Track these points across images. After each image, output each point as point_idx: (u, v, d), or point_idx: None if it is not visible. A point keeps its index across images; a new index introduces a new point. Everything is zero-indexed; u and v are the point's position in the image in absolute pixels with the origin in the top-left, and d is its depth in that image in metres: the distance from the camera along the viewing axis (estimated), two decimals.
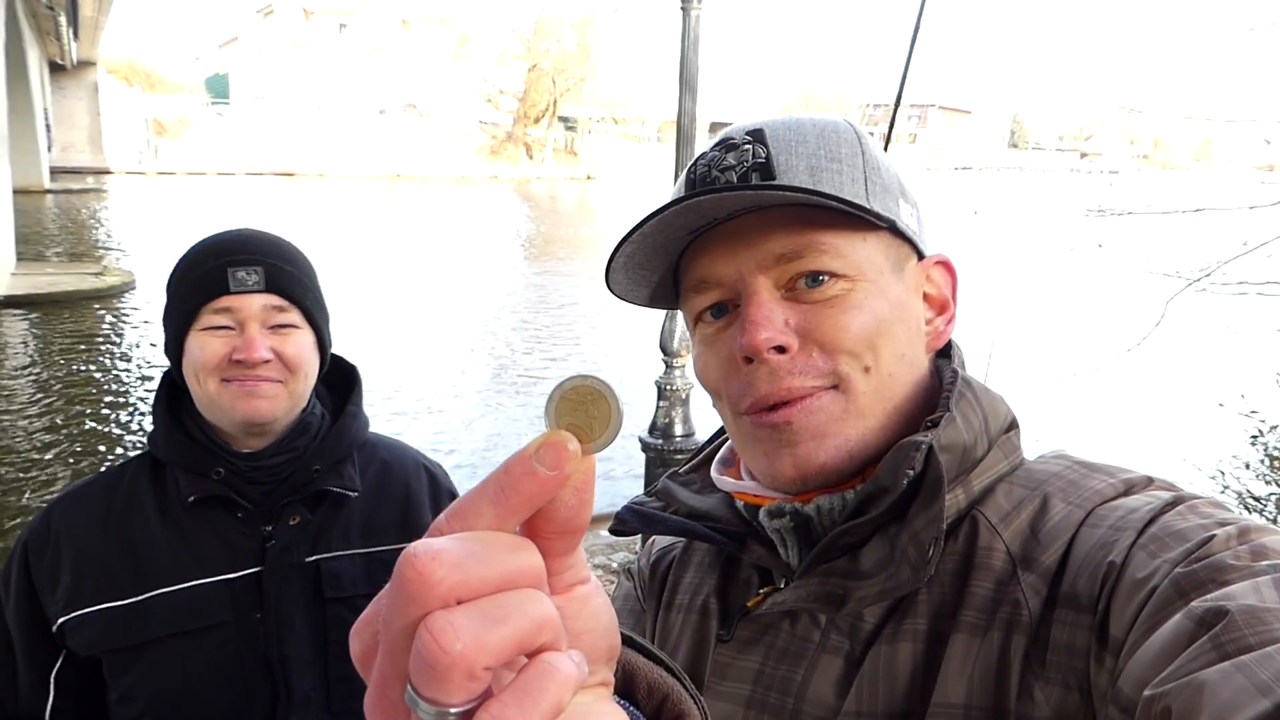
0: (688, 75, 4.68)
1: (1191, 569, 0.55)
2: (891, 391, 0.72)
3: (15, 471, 8.08)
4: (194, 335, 1.28)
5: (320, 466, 1.38)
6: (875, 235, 0.72)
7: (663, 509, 0.85)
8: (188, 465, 1.33)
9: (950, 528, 0.70)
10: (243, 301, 1.27)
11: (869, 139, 0.76)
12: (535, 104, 59.30)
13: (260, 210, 28.92)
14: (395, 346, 12.54)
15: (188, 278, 1.30)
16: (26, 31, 26.00)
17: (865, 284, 0.71)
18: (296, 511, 1.37)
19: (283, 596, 1.33)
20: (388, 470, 1.50)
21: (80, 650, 1.30)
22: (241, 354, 1.26)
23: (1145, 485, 0.69)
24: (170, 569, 1.31)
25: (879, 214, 0.71)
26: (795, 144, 0.72)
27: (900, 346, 0.73)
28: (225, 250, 1.29)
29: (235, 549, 1.33)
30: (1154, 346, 4.71)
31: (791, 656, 0.74)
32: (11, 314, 14.03)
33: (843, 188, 0.71)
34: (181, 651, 1.29)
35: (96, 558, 1.31)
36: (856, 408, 0.71)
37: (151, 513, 1.33)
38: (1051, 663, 0.61)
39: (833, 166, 0.71)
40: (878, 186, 0.73)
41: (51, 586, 1.30)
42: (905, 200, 0.76)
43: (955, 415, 0.69)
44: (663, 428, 5.02)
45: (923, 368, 0.75)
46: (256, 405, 1.29)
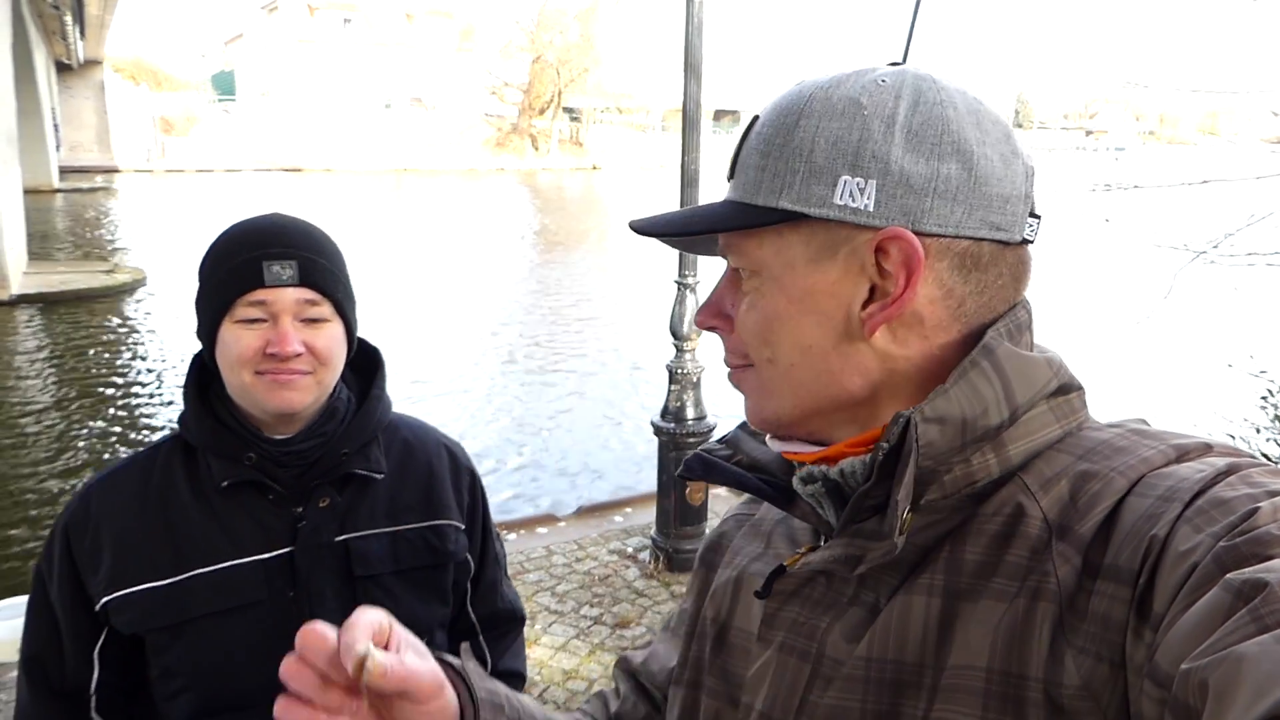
0: (692, 61, 4.69)
1: (1234, 543, 0.54)
2: (800, 379, 0.75)
3: (29, 466, 8.17)
4: (228, 326, 1.31)
5: (348, 450, 1.42)
6: (792, 228, 0.73)
7: (730, 457, 0.87)
8: (220, 451, 1.36)
9: (985, 492, 0.70)
10: (277, 295, 1.29)
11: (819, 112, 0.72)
12: (540, 95, 59.18)
13: (269, 206, 28.87)
14: (410, 337, 12.57)
15: (221, 267, 1.32)
16: (33, 32, 26.06)
17: (767, 280, 0.74)
18: (326, 493, 1.40)
19: (314, 575, 1.38)
20: (410, 450, 1.54)
21: (123, 629, 1.34)
22: (275, 348, 1.29)
23: (1201, 452, 0.66)
24: (207, 550, 1.35)
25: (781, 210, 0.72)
26: (756, 137, 0.76)
27: (804, 338, 0.73)
28: (260, 242, 1.30)
29: (268, 530, 1.37)
30: (1164, 317, 4.71)
31: (823, 607, 0.76)
32: (24, 312, 14.13)
33: (760, 185, 0.73)
34: (220, 629, 1.33)
35: (136, 539, 1.34)
36: (770, 388, 0.77)
37: (186, 495, 1.37)
38: (1086, 633, 0.60)
39: (761, 164, 0.74)
40: (799, 175, 0.71)
41: (93, 567, 1.34)
42: (856, 173, 0.70)
43: (948, 387, 0.68)
44: (675, 411, 5.05)
45: (857, 354, 0.73)
46: (288, 397, 1.32)
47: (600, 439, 9.29)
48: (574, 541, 5.66)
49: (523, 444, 9.05)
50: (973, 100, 0.73)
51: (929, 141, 0.70)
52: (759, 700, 0.78)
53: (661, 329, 5.08)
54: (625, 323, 14.59)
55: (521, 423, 9.74)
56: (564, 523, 6.03)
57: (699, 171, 4.77)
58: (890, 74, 0.73)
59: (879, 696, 0.69)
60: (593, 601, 4.90)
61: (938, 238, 0.70)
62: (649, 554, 5.34)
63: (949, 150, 0.70)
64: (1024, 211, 0.73)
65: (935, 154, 0.70)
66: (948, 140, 0.70)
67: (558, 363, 12.25)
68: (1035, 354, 0.73)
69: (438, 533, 1.51)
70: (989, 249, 0.72)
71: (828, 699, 0.72)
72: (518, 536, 5.69)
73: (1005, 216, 0.71)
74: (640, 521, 5.92)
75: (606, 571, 5.25)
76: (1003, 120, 0.73)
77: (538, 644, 4.40)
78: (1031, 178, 0.74)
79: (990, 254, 0.72)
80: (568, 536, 5.74)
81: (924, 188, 0.69)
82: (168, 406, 9.95)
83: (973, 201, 0.70)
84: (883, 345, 0.73)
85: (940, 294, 0.71)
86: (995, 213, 0.71)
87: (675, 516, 5.16)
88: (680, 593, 4.98)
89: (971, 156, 0.70)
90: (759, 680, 0.79)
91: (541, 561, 5.38)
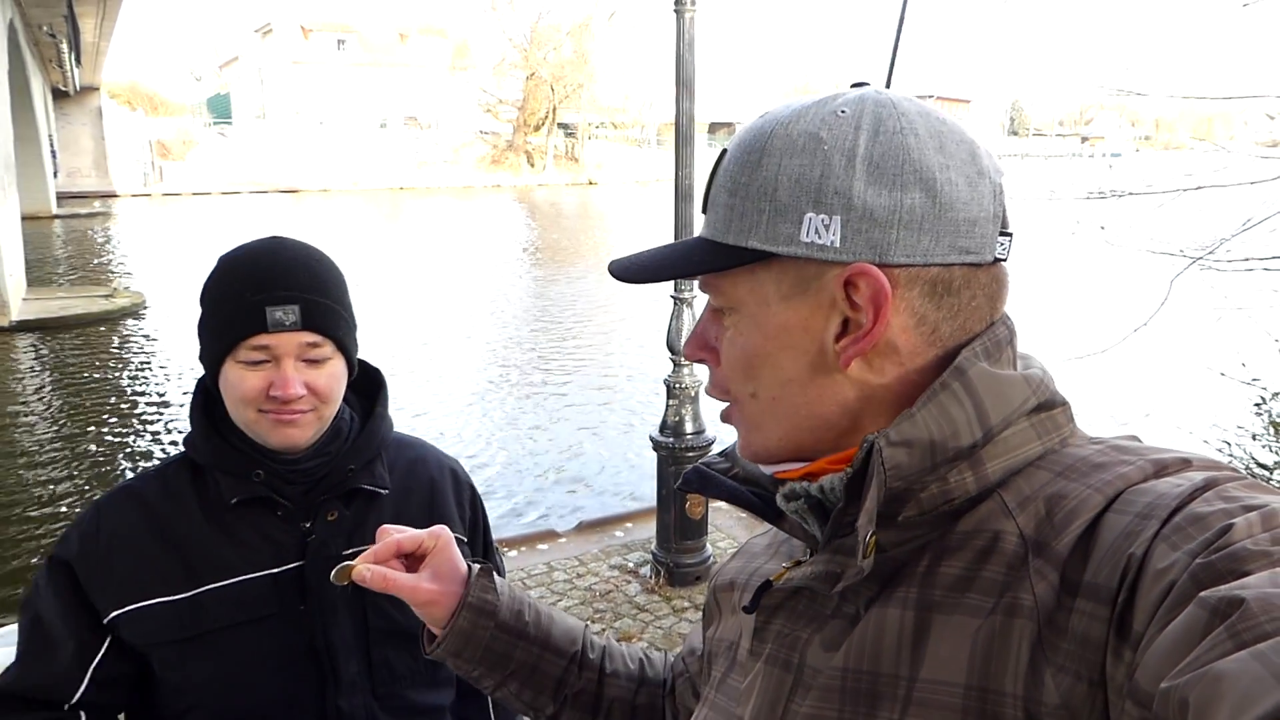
0: (684, 77, 4.71)
1: (1210, 560, 0.54)
2: (782, 412, 0.76)
3: (28, 489, 8.16)
4: (231, 365, 1.33)
5: (354, 466, 1.45)
6: (764, 266, 0.74)
7: (727, 470, 0.89)
8: (228, 469, 1.38)
9: (963, 509, 0.71)
10: (279, 339, 1.31)
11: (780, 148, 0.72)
12: (534, 112, 59.39)
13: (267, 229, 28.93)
14: (408, 352, 12.58)
15: (224, 307, 1.33)
16: (30, 60, 26.18)
17: (745, 318, 0.76)
18: (333, 508, 1.43)
19: (325, 588, 1.39)
20: (413, 468, 1.57)
21: (135, 641, 1.34)
22: (278, 390, 1.31)
23: (1180, 467, 0.66)
24: (219, 565, 1.36)
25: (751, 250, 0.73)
26: (723, 172, 0.77)
27: (784, 373, 0.75)
28: (262, 284, 1.31)
29: (277, 545, 1.40)
30: (1162, 324, 4.71)
31: (806, 619, 0.77)
32: (24, 338, 14.13)
33: (730, 224, 0.74)
34: (233, 643, 1.35)
35: (147, 555, 1.36)
36: (754, 423, 0.79)
37: (196, 513, 1.39)
38: (1065, 651, 0.60)
39: (726, 200, 0.75)
40: (765, 214, 0.72)
41: (102, 582, 1.34)
42: (819, 210, 0.70)
43: (915, 411, 0.69)
44: (673, 426, 5.05)
45: (834, 385, 0.74)
46: (290, 434, 1.35)
47: (599, 454, 9.28)
48: (574, 557, 5.65)
49: (518, 459, 9.04)
50: (935, 122, 0.72)
51: (890, 172, 0.69)
52: (747, 711, 0.80)
53: (659, 343, 5.08)
54: (624, 337, 14.61)
55: (517, 438, 9.73)
56: (564, 539, 6.01)
57: (693, 186, 4.78)
58: (850, 102, 0.73)
59: (855, 706, 0.70)
60: (594, 617, 4.89)
61: (906, 267, 0.70)
62: (650, 569, 5.33)
63: (911, 179, 0.69)
64: (993, 231, 0.73)
65: (897, 184, 0.69)
66: (909, 169, 0.69)
67: (555, 378, 12.24)
68: (1013, 372, 0.73)
69: None
70: (960, 273, 0.72)
71: (805, 708, 0.73)
72: (518, 553, 5.67)
73: (974, 240, 0.71)
74: (640, 536, 5.91)
75: (608, 587, 5.24)
76: (968, 138, 0.73)
77: None
78: (1000, 195, 0.74)
79: (962, 277, 0.72)
80: (568, 552, 5.73)
81: (888, 220, 0.69)
82: (168, 430, 9.95)
83: (939, 229, 0.70)
84: (858, 375, 0.74)
85: (913, 322, 0.72)
86: (963, 237, 0.71)
87: (675, 531, 5.15)
88: (681, 607, 4.97)
89: (935, 183, 0.70)
90: (748, 692, 0.81)
91: (543, 578, 5.36)
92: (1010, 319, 0.77)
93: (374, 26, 59.69)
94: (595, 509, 7.38)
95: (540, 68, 59.11)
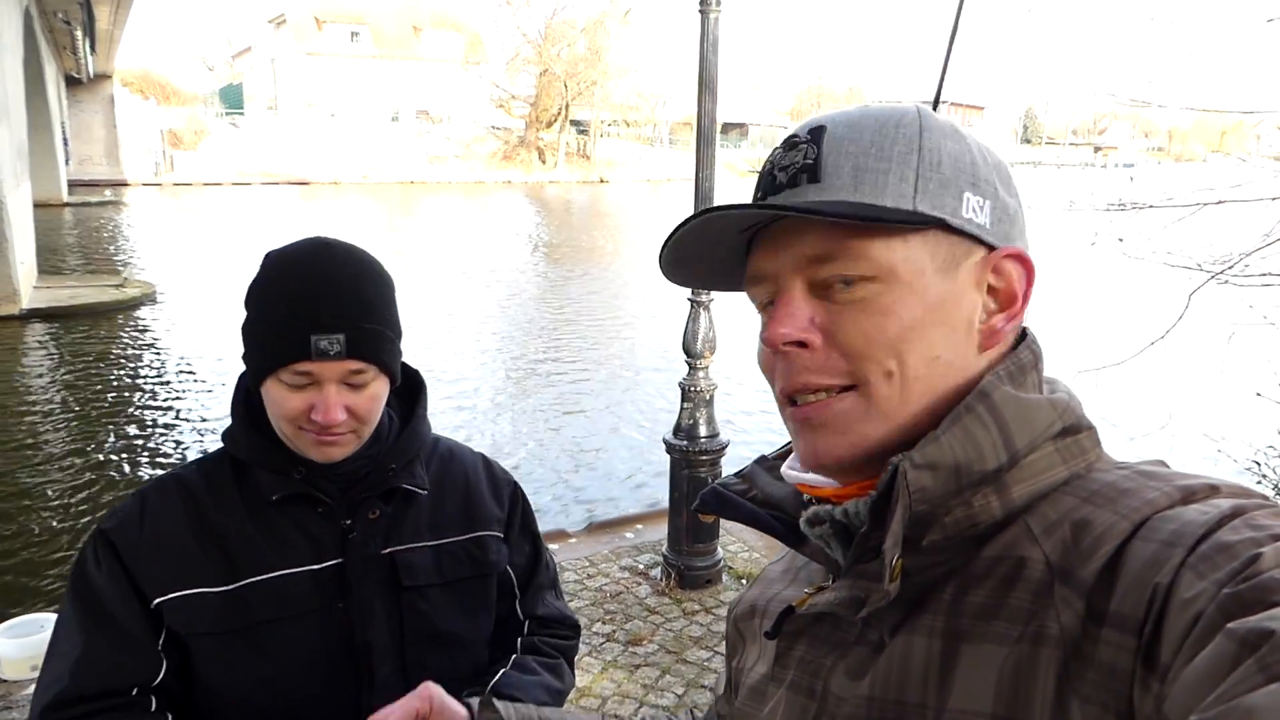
0: (707, 77, 4.70)
1: (1238, 590, 0.53)
2: (919, 394, 0.72)
3: (38, 478, 8.18)
4: (273, 383, 1.32)
5: (395, 466, 1.45)
6: (918, 235, 0.72)
7: (745, 492, 0.86)
8: (269, 465, 1.39)
9: (987, 534, 0.70)
10: (322, 367, 1.30)
11: (937, 129, 0.74)
12: (547, 108, 59.41)
13: (276, 219, 29.08)
14: (424, 351, 12.59)
15: (268, 328, 1.32)
16: (44, 47, 26.24)
17: (898, 286, 0.71)
18: (374, 506, 1.43)
19: (364, 586, 1.40)
20: (447, 467, 1.57)
21: (179, 630, 1.34)
22: (318, 415, 1.30)
23: (1208, 494, 0.65)
24: (260, 560, 1.37)
25: (921, 214, 0.71)
26: (848, 142, 0.73)
27: (934, 349, 0.72)
28: (308, 310, 1.29)
29: (318, 542, 1.40)
30: (1182, 339, 4.70)
31: (830, 645, 0.77)
32: (35, 326, 14.18)
33: (885, 188, 0.71)
34: (273, 638, 1.35)
35: (191, 547, 1.36)
36: (878, 410, 0.72)
37: (238, 506, 1.39)
38: (1092, 681, 0.59)
39: (880, 166, 0.72)
40: (931, 183, 0.72)
41: (147, 566, 1.34)
42: (976, 192, 0.73)
43: (940, 434, 0.69)
44: (687, 429, 5.05)
45: (971, 369, 0.74)
46: (329, 452, 1.36)
47: (611, 455, 9.29)
48: (585, 558, 5.65)
49: (531, 459, 9.05)
50: None
51: (1005, 177, 0.77)
52: None
53: (675, 348, 5.08)
54: (638, 340, 14.61)
55: (530, 438, 9.74)
56: (575, 539, 6.02)
57: (714, 187, 4.78)
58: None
59: None
60: (604, 619, 4.89)
61: None
62: (660, 571, 5.33)
63: (1015, 188, 0.78)
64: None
65: (1010, 189, 0.77)
66: (1012, 179, 0.78)
67: (569, 378, 12.25)
68: (1038, 396, 0.73)
69: (479, 544, 1.54)
70: None
71: None
72: None
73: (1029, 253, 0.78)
74: (651, 538, 5.91)
75: (618, 588, 5.24)
76: None
77: None
78: None
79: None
80: (579, 553, 5.73)
81: (1014, 216, 0.77)
82: (178, 420, 9.98)
83: (1025, 236, 0.78)
84: (987, 359, 0.75)
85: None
86: (1028, 249, 0.78)
87: (687, 534, 5.15)
88: (692, 610, 4.97)
89: (1019, 197, 0.78)
90: (771, 718, 0.80)
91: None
92: (1036, 342, 0.78)
93: (388, 19, 59.66)
94: (606, 510, 7.39)
95: (554, 64, 59.11)
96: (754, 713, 0.84)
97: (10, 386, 11.16)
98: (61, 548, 6.69)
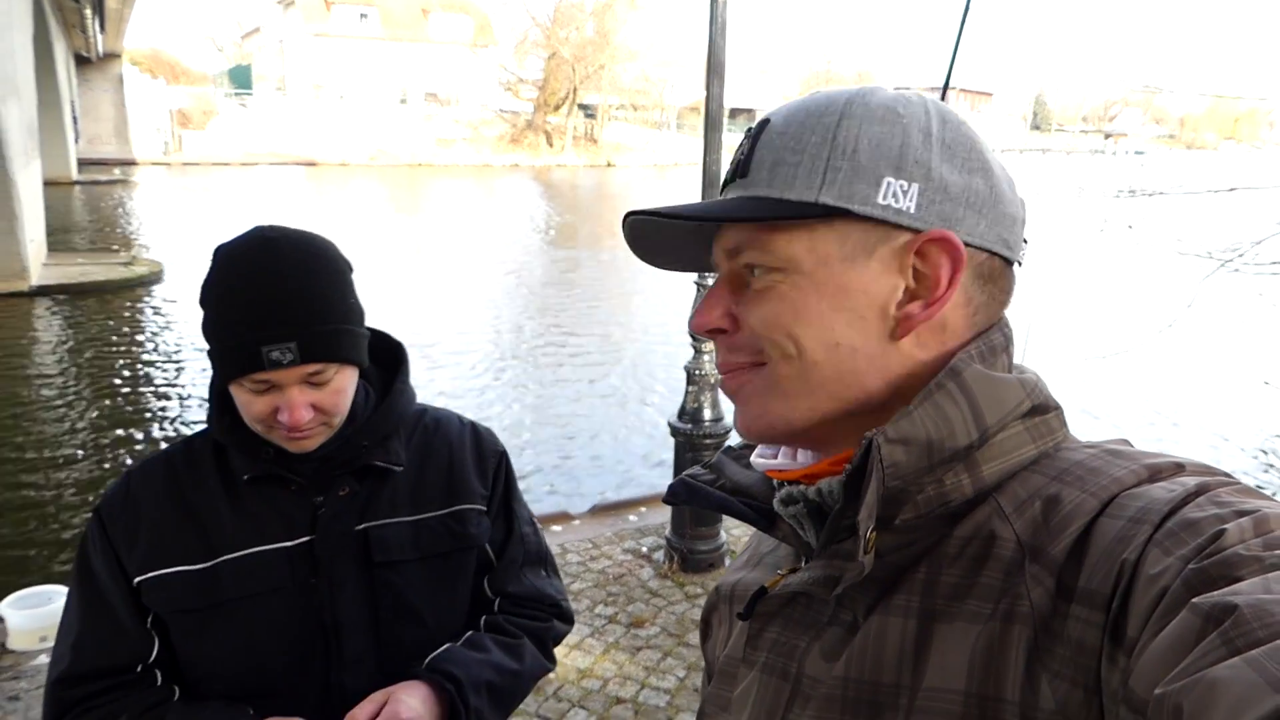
0: (715, 61, 4.68)
1: (1202, 565, 0.54)
2: (822, 378, 0.74)
3: (47, 454, 8.23)
4: (236, 388, 1.33)
5: (368, 443, 1.45)
6: (824, 224, 0.73)
7: (714, 482, 0.87)
8: (240, 446, 1.40)
9: (959, 513, 0.71)
10: (279, 375, 1.30)
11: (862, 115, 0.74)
12: (555, 92, 59.21)
13: (283, 200, 29.08)
14: (423, 332, 12.61)
15: (221, 340, 1.31)
16: (54, 25, 26.22)
17: (798, 275, 0.73)
18: (346, 483, 1.44)
19: (335, 562, 1.41)
20: (431, 439, 1.56)
21: (157, 608, 1.37)
22: (284, 417, 1.31)
23: (1173, 472, 0.66)
24: (235, 538, 1.38)
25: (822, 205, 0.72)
26: (776, 136, 0.75)
27: (833, 336, 0.73)
28: (257, 321, 1.27)
29: (290, 519, 1.41)
30: (1190, 326, 4.68)
31: (803, 627, 0.77)
32: (44, 302, 14.23)
33: (795, 180, 0.73)
34: (246, 615, 1.37)
35: (169, 526, 1.38)
36: (781, 389, 0.75)
37: (216, 487, 1.41)
38: (1061, 657, 0.60)
39: (792, 159, 0.74)
40: (840, 173, 0.72)
41: (129, 546, 1.37)
42: (899, 175, 0.72)
43: (912, 409, 0.69)
44: (691, 413, 5.06)
45: (883, 356, 0.74)
46: (302, 445, 1.37)
47: (615, 438, 9.30)
48: (588, 540, 5.67)
49: (536, 441, 9.07)
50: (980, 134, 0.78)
51: (960, 155, 0.74)
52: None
53: (680, 330, 5.07)
54: (644, 323, 14.61)
55: (535, 420, 9.76)
56: (578, 521, 6.03)
57: (721, 172, 4.77)
58: (912, 93, 0.77)
59: (855, 716, 0.70)
60: (607, 601, 4.91)
61: (967, 246, 0.73)
62: (663, 554, 5.34)
63: (976, 165, 0.74)
64: (1021, 235, 0.78)
65: (966, 167, 0.74)
66: (975, 156, 0.74)
67: (574, 361, 12.25)
68: (1008, 375, 0.74)
69: (458, 518, 1.53)
70: (999, 264, 0.76)
71: (806, 718, 0.73)
72: None
73: (1013, 235, 0.76)
74: (654, 521, 5.93)
75: (621, 571, 5.26)
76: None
77: None
78: (1024, 208, 0.79)
79: (999, 269, 0.76)
80: (582, 535, 5.75)
81: (959, 197, 0.73)
82: (184, 398, 10.01)
83: (993, 216, 0.74)
84: (909, 348, 0.74)
85: (963, 300, 0.74)
86: (1006, 230, 0.75)
87: (690, 517, 5.17)
88: (694, 593, 4.99)
89: (992, 175, 0.75)
90: (743, 701, 0.81)
91: (555, 560, 5.37)
92: (1008, 325, 0.79)
93: (396, 1, 59.48)
94: (610, 492, 7.40)
95: (562, 47, 58.88)
96: (725, 695, 0.84)
97: (20, 361, 11.22)
98: (68, 523, 6.73)
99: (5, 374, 10.66)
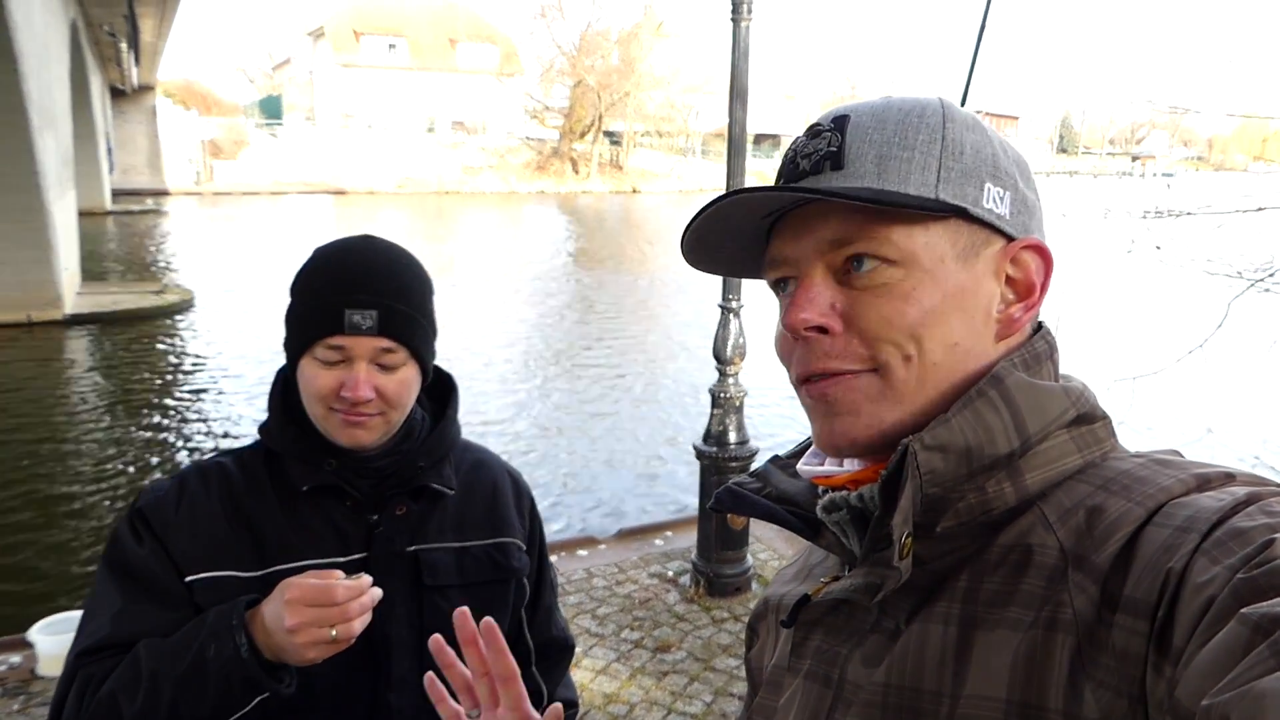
0: (738, 86, 4.72)
1: (1251, 575, 0.53)
2: (937, 379, 0.72)
3: (80, 480, 8.32)
4: (308, 361, 1.35)
5: (423, 464, 1.47)
6: (940, 222, 0.72)
7: (760, 490, 0.86)
8: (302, 456, 1.41)
9: (1002, 521, 0.70)
10: (355, 342, 1.33)
11: (960, 120, 0.75)
12: (581, 119, 59.63)
13: (313, 228, 29.41)
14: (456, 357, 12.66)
15: (307, 303, 1.36)
16: (90, 59, 26.77)
17: (918, 272, 0.72)
18: (402, 502, 1.45)
19: (387, 581, 1.39)
20: (476, 472, 1.59)
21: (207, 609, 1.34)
22: (347, 391, 1.33)
23: (1223, 481, 0.65)
24: (288, 549, 1.39)
25: (943, 202, 0.72)
26: (871, 130, 0.74)
27: (952, 336, 0.72)
28: (345, 286, 1.33)
29: (345, 535, 1.42)
30: (1221, 346, 4.63)
31: (845, 634, 0.77)
32: (77, 331, 14.44)
33: (909, 175, 0.72)
34: None
35: (223, 530, 1.38)
36: (895, 393, 0.73)
37: (270, 497, 1.42)
38: (1105, 666, 0.60)
39: (903, 155, 0.73)
40: (954, 172, 0.73)
41: (180, 544, 1.36)
42: (996, 183, 0.74)
43: (950, 416, 0.69)
44: (717, 435, 5.04)
45: (988, 356, 0.74)
46: (357, 434, 1.38)
47: (642, 462, 9.29)
48: (614, 564, 5.65)
49: (562, 465, 9.07)
50: None
51: (1025, 171, 0.78)
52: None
53: (705, 354, 5.07)
54: (670, 346, 14.62)
55: (559, 443, 9.76)
56: (604, 545, 6.02)
57: None
58: None
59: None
60: (633, 625, 4.89)
61: None
62: (689, 578, 5.32)
63: (1034, 183, 0.79)
64: None
65: (1030, 183, 0.78)
66: (1032, 174, 0.79)
67: (599, 384, 12.27)
68: (1052, 383, 0.73)
69: (502, 549, 1.55)
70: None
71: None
72: (558, 559, 5.68)
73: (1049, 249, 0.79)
74: (681, 545, 5.90)
75: (647, 595, 5.24)
76: None
77: (578, 666, 4.39)
78: None
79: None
80: (608, 559, 5.74)
81: (1033, 208, 0.78)
82: (215, 422, 10.11)
83: (1043, 230, 0.79)
84: (1004, 348, 0.76)
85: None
86: (1046, 243, 0.78)
87: (716, 541, 5.14)
88: (720, 618, 4.96)
89: (1037, 192, 0.79)
90: (787, 708, 0.80)
91: (582, 584, 5.37)
92: (1051, 334, 0.79)
93: (424, 31, 60.25)
94: (636, 516, 7.39)
95: (587, 75, 59.35)
96: (771, 704, 0.84)
97: (53, 388, 11.39)
98: (97, 548, 6.79)
99: (39, 400, 10.82)
